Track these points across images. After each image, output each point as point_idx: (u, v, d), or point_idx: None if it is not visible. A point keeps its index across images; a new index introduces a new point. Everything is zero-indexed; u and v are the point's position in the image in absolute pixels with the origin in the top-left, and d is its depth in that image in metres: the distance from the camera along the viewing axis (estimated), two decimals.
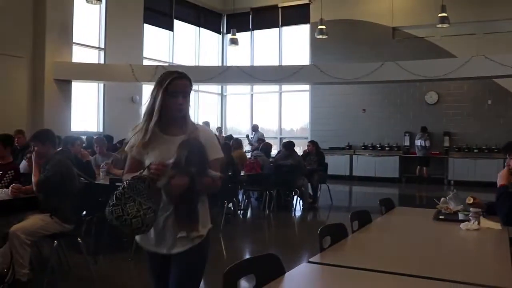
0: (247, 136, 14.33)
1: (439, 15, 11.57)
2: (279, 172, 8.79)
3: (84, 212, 5.31)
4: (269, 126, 17.39)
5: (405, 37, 14.82)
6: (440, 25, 11.82)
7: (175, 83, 2.32)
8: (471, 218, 3.10)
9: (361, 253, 2.50)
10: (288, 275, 1.97)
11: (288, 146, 9.35)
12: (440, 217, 3.40)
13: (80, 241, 4.40)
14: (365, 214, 3.24)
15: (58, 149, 4.62)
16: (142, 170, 2.25)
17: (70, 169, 4.38)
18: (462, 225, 3.05)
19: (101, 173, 6.26)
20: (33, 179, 4.27)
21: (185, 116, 2.39)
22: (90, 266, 4.58)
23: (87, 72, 12.39)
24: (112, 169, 6.39)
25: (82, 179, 5.35)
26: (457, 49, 13.55)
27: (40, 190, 4.21)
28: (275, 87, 16.93)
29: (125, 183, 2.18)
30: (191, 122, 2.43)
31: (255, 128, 14.38)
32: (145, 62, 14.41)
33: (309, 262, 2.15)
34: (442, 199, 3.70)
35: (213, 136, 2.52)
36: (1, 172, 4.92)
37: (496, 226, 3.06)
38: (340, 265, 2.13)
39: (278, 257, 2.05)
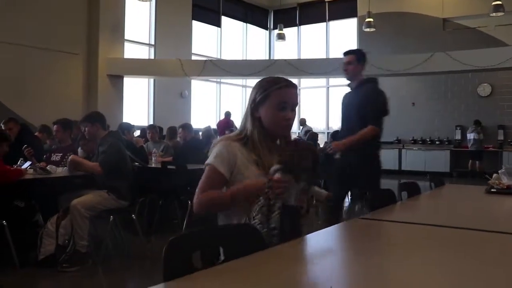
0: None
1: (493, 3, 11.18)
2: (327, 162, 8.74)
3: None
4: (316, 123, 17.27)
5: (456, 28, 14.43)
6: (494, 14, 11.42)
7: (283, 91, 1.98)
8: None
9: (412, 212, 2.51)
10: (339, 225, 2.01)
11: (336, 135, 9.30)
12: (492, 190, 3.35)
13: (134, 217, 4.58)
14: (414, 186, 3.23)
15: (109, 131, 4.84)
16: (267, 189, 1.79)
17: (122, 149, 4.59)
18: None
19: (153, 158, 6.48)
20: (91, 165, 4.48)
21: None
22: (143, 244, 4.77)
23: (138, 67, 12.78)
24: (160, 159, 6.58)
25: (136, 163, 5.57)
26: None
27: (104, 170, 4.39)
28: (322, 82, 16.85)
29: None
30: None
31: (302, 122, 14.34)
32: (194, 58, 14.68)
33: (361, 218, 2.17)
34: (494, 175, 3.62)
35: None
36: (62, 153, 5.25)
37: None
38: (391, 220, 2.15)
39: None
